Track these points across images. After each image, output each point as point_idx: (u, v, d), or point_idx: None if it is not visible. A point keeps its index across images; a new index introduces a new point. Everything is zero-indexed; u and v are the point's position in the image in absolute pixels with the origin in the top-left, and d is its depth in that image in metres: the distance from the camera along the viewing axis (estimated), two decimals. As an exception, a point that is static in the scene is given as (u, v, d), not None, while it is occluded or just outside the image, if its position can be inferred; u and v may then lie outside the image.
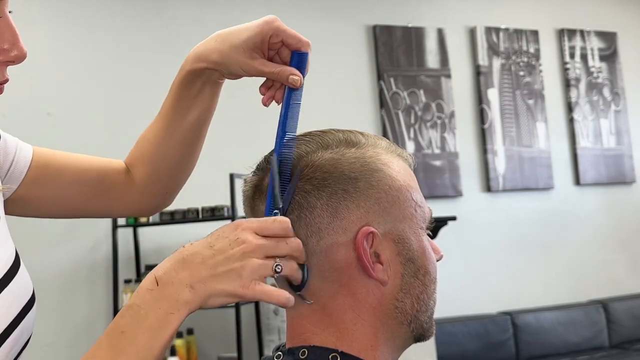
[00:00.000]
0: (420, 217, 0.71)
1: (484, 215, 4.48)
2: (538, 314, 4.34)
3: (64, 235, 3.54)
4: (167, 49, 3.82)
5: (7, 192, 0.86)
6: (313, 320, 0.68)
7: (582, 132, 4.84)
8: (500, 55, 4.67)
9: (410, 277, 0.68)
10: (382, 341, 0.68)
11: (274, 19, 0.76)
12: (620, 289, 4.78)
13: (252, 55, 0.77)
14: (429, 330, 0.72)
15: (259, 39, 0.77)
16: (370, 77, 4.33)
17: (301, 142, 0.71)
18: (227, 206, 3.35)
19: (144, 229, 3.68)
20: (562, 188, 4.75)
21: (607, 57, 5.05)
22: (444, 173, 4.36)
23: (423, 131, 4.35)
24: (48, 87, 3.59)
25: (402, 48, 4.39)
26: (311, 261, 0.67)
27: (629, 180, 4.96)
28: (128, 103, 3.77)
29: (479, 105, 4.57)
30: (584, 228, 4.77)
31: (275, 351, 0.71)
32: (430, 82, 4.42)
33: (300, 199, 0.67)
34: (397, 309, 0.68)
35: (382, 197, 0.68)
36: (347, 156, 0.69)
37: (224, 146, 3.86)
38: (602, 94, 4.98)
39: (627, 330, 4.53)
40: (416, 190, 0.72)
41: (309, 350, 0.67)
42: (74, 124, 3.64)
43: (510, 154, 4.57)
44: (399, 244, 0.68)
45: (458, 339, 4.04)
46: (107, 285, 3.58)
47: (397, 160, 0.72)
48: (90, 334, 3.56)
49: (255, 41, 0.77)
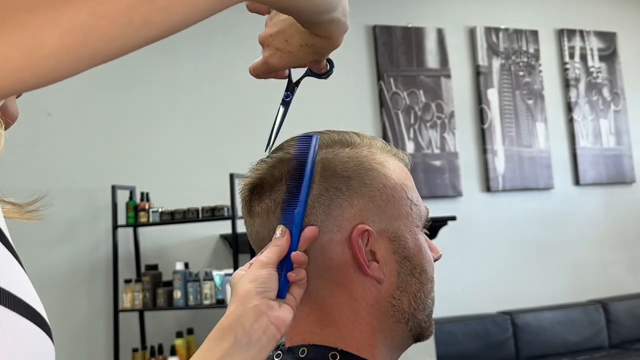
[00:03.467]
0: (417, 215, 0.71)
1: (484, 215, 4.48)
2: (538, 314, 4.34)
3: (64, 235, 3.54)
4: (167, 49, 3.82)
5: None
6: (311, 319, 0.69)
7: (581, 132, 4.85)
8: (500, 55, 4.67)
9: (406, 275, 0.69)
10: (380, 340, 0.69)
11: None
12: (619, 289, 4.78)
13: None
14: (427, 330, 0.72)
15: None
16: (370, 77, 4.33)
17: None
18: (227, 206, 3.35)
19: (144, 229, 3.68)
20: (562, 188, 4.75)
21: (607, 57, 5.05)
22: (443, 173, 4.36)
23: (423, 131, 4.35)
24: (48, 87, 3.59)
25: (402, 48, 4.39)
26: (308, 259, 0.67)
27: (629, 180, 4.97)
28: (128, 103, 3.77)
29: (478, 105, 4.57)
30: (584, 228, 4.77)
31: (275, 350, 0.71)
32: (430, 82, 4.43)
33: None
34: (394, 307, 0.68)
35: (376, 195, 0.68)
36: (340, 155, 0.69)
37: (224, 146, 3.86)
38: (602, 94, 4.98)
39: (626, 330, 4.53)
40: (412, 189, 0.72)
41: (309, 348, 0.67)
42: (74, 124, 3.65)
43: (510, 154, 4.57)
44: (395, 242, 0.68)
45: (458, 339, 4.04)
46: (107, 285, 3.58)
47: (392, 160, 0.72)
48: (90, 334, 3.56)
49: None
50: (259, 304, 0.61)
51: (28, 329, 0.41)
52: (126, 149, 3.74)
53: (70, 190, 3.56)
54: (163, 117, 3.82)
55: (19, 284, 0.42)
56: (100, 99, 3.72)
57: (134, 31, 0.36)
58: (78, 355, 3.50)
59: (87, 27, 0.34)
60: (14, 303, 0.40)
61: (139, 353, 3.46)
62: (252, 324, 0.60)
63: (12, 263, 0.43)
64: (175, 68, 3.87)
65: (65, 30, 0.34)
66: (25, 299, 0.42)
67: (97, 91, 3.71)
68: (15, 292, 0.41)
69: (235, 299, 0.62)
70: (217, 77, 3.89)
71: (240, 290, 0.62)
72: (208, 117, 3.89)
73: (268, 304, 0.61)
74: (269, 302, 0.62)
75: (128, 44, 0.37)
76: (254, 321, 0.60)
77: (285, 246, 0.65)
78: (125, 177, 3.66)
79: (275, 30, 0.67)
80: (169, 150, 3.80)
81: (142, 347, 3.52)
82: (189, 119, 3.87)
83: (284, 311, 0.62)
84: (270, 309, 0.61)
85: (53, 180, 3.52)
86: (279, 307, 0.62)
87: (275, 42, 0.67)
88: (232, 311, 0.61)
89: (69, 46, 0.34)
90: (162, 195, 3.66)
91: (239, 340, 0.59)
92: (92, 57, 0.36)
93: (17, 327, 0.40)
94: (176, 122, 3.85)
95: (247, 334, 0.60)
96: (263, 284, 0.62)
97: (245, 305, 0.61)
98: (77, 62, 0.35)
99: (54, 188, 3.43)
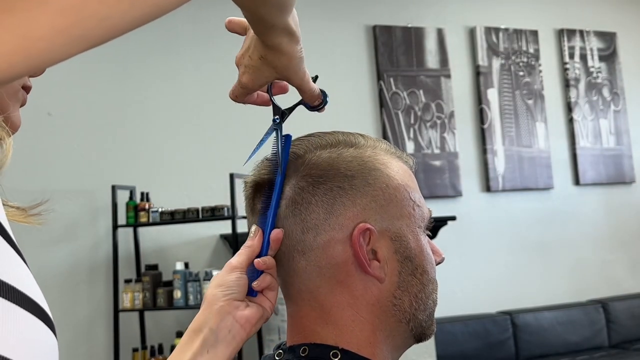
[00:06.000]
0: (419, 216, 0.71)
1: (484, 215, 4.48)
2: (537, 314, 4.34)
3: (64, 235, 3.54)
4: (166, 49, 3.82)
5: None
6: (312, 317, 0.69)
7: (581, 132, 4.85)
8: (500, 55, 4.67)
9: (407, 275, 0.69)
10: (381, 339, 0.69)
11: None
12: (619, 288, 4.78)
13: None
14: (428, 330, 0.72)
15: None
16: (370, 77, 4.33)
17: (301, 142, 0.72)
18: (227, 206, 3.35)
19: (144, 229, 3.68)
20: (562, 188, 4.75)
21: (607, 57, 5.05)
22: (443, 173, 4.36)
23: (423, 131, 4.35)
24: (48, 87, 3.59)
25: (401, 48, 4.39)
26: (309, 257, 0.68)
27: (629, 180, 4.97)
28: (128, 103, 3.77)
29: (478, 105, 4.57)
30: (584, 228, 4.78)
31: (276, 349, 0.72)
32: (430, 82, 4.43)
33: (295, 195, 0.68)
34: (395, 306, 0.68)
35: (378, 195, 0.68)
36: (344, 155, 0.70)
37: (224, 146, 3.86)
38: (602, 94, 4.99)
39: (626, 330, 4.53)
40: (415, 190, 0.72)
41: (310, 347, 0.68)
42: (74, 124, 3.65)
43: (510, 154, 4.57)
44: (396, 241, 0.68)
45: (458, 339, 4.05)
46: (107, 285, 3.58)
47: (396, 161, 0.72)
48: (90, 334, 3.56)
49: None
50: (224, 305, 0.66)
51: (33, 324, 0.42)
52: (126, 149, 3.74)
53: (70, 190, 3.56)
54: (163, 117, 3.82)
55: (24, 281, 0.42)
56: (100, 99, 3.72)
57: (123, 11, 0.36)
58: (78, 355, 3.50)
59: (76, 7, 0.34)
60: (19, 298, 0.41)
61: (139, 353, 3.46)
62: (218, 324, 0.65)
63: (16, 260, 0.43)
64: (176, 68, 3.87)
65: (54, 11, 0.34)
66: (31, 295, 0.42)
67: (97, 91, 3.71)
68: (20, 288, 0.41)
69: (203, 304, 0.67)
70: (217, 77, 3.89)
71: (208, 294, 0.68)
72: (208, 117, 3.89)
73: (233, 305, 0.66)
74: (233, 302, 0.67)
75: (118, 24, 0.37)
76: (219, 321, 0.65)
77: (257, 246, 0.69)
78: (125, 177, 3.67)
79: (244, 48, 0.70)
80: (169, 150, 3.80)
81: (142, 347, 3.52)
82: (189, 119, 3.87)
83: (249, 310, 0.67)
84: (236, 309, 0.66)
85: (53, 180, 3.52)
86: (245, 307, 0.67)
87: (244, 60, 0.70)
88: (199, 315, 0.67)
89: (60, 28, 0.34)
90: (162, 195, 3.67)
91: (207, 339, 0.65)
92: (83, 38, 0.36)
93: (23, 322, 0.41)
94: (176, 122, 3.85)
95: (214, 334, 0.65)
96: (229, 287, 0.67)
97: (211, 308, 0.66)
98: (69, 43, 0.35)
99: (54, 188, 3.43)
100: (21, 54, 0.34)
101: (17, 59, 0.34)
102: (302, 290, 0.69)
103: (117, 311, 3.47)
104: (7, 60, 0.33)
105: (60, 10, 0.34)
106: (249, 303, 0.68)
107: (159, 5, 0.38)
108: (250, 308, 0.67)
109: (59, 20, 0.34)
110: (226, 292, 0.66)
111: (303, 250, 0.68)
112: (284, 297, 0.73)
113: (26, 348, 0.40)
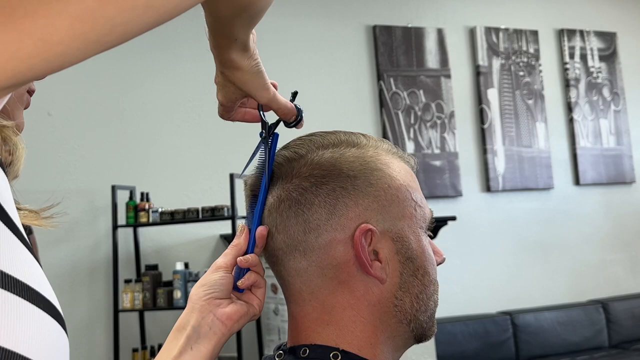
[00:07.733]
0: (421, 217, 0.71)
1: (484, 215, 4.48)
2: (538, 314, 4.34)
3: (64, 235, 3.54)
4: (166, 49, 3.82)
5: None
6: (313, 318, 0.69)
7: (581, 132, 4.85)
8: (500, 55, 4.67)
9: (409, 276, 0.69)
10: (381, 340, 0.69)
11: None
12: (619, 289, 4.78)
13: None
14: (429, 331, 0.72)
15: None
16: (370, 77, 4.33)
17: (303, 142, 0.72)
18: (227, 206, 3.35)
19: (144, 229, 3.68)
20: (562, 188, 4.75)
21: (607, 57, 5.05)
22: (443, 173, 4.36)
23: (423, 131, 4.35)
24: (48, 87, 3.59)
25: (401, 48, 4.39)
26: (310, 257, 0.67)
27: (629, 180, 4.97)
28: (128, 103, 3.77)
29: (478, 105, 4.57)
30: (584, 228, 4.78)
31: (277, 350, 0.71)
32: (430, 82, 4.43)
33: (297, 195, 0.68)
34: (397, 307, 0.68)
35: (380, 195, 0.68)
36: (346, 155, 0.69)
37: (224, 146, 3.86)
38: (602, 94, 4.99)
39: (626, 330, 4.53)
40: (416, 190, 0.72)
41: (310, 348, 0.67)
42: (74, 124, 3.65)
43: (510, 154, 4.57)
44: (398, 242, 0.68)
45: (458, 339, 4.05)
46: (107, 285, 3.58)
47: (397, 162, 0.72)
48: (90, 334, 3.56)
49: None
50: (204, 304, 0.69)
51: (48, 323, 0.43)
52: (126, 149, 3.74)
53: (70, 190, 3.56)
54: (163, 117, 3.82)
55: (38, 280, 0.44)
56: (101, 99, 3.72)
57: (137, 16, 0.37)
58: (78, 355, 3.50)
59: (94, 14, 0.35)
60: (34, 297, 0.42)
61: (139, 353, 3.46)
62: (199, 321, 0.68)
63: (27, 257, 0.44)
64: (176, 68, 3.87)
65: (74, 17, 0.35)
66: (44, 293, 0.44)
67: (97, 91, 3.71)
68: (35, 287, 0.43)
69: (187, 303, 0.70)
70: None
71: (192, 294, 0.70)
72: (208, 117, 3.89)
73: (214, 303, 0.69)
74: (214, 301, 0.69)
75: (130, 30, 0.38)
76: (201, 319, 0.68)
77: (244, 244, 0.71)
78: (125, 177, 3.66)
79: (217, 68, 0.72)
80: (169, 150, 3.80)
81: (142, 347, 3.52)
82: (189, 119, 3.87)
83: (231, 307, 0.69)
84: (217, 307, 0.69)
85: (53, 180, 3.52)
86: (227, 304, 0.70)
87: (216, 78, 0.72)
88: (183, 314, 0.70)
89: (78, 33, 0.35)
90: (162, 195, 3.67)
91: (190, 336, 0.68)
92: (97, 42, 0.37)
93: (39, 321, 0.41)
94: (176, 122, 3.85)
95: (196, 331, 0.68)
96: (211, 286, 0.69)
97: (194, 307, 0.69)
98: (84, 48, 0.37)
99: (54, 188, 3.43)
100: (40, 57, 0.35)
101: (36, 61, 0.35)
102: (303, 290, 0.69)
103: (117, 311, 3.47)
104: (27, 63, 0.35)
105: (80, 16, 0.35)
106: (234, 300, 0.70)
107: (169, 11, 0.39)
108: (233, 305, 0.70)
109: (77, 25, 0.35)
110: (208, 291, 0.69)
111: (304, 251, 0.68)
112: (284, 297, 0.73)
113: (41, 346, 0.41)
